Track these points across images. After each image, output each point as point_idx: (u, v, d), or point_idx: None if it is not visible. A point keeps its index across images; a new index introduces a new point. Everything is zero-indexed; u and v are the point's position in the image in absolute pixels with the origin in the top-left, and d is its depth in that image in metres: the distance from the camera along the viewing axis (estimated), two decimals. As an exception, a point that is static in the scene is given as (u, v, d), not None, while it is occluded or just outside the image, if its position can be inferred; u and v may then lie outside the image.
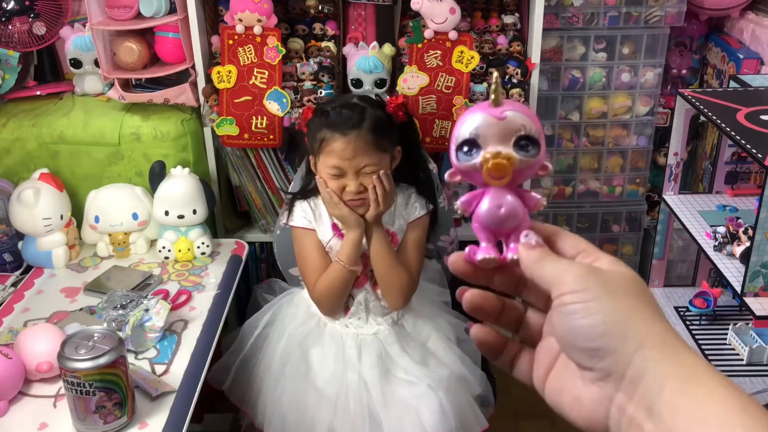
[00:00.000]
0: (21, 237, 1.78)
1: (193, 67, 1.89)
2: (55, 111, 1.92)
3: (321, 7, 1.93)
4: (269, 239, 2.05)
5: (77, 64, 1.95)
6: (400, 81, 1.88)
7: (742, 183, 1.92)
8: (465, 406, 1.62)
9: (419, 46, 1.86)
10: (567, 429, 0.54)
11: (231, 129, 1.90)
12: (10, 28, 1.87)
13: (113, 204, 1.80)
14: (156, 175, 1.79)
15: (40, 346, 1.32)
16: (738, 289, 1.49)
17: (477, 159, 0.50)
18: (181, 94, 1.88)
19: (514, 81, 1.90)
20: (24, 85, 2.02)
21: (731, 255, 1.59)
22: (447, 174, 0.53)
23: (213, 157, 1.99)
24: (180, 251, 1.79)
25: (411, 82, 1.88)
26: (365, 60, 1.85)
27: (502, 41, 1.94)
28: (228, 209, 2.13)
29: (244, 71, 1.87)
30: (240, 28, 1.82)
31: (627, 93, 2.19)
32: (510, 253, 0.51)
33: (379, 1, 1.95)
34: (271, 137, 1.91)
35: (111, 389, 1.18)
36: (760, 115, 1.56)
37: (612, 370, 0.44)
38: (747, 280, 1.46)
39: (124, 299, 1.51)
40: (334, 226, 1.65)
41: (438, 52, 1.86)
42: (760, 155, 1.36)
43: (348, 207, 1.55)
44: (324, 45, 1.92)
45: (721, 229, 1.64)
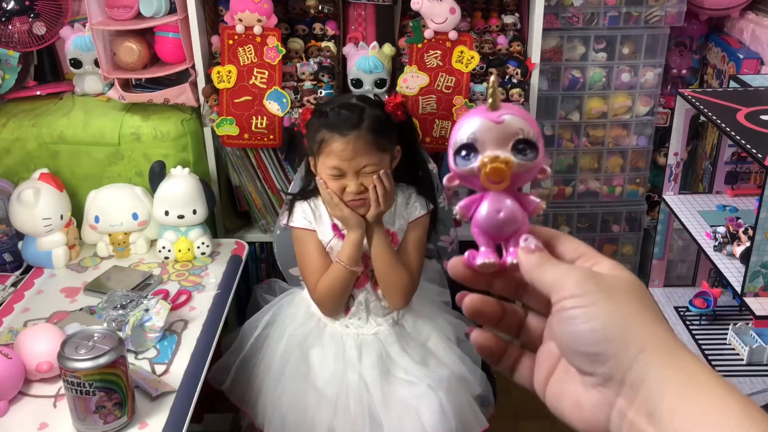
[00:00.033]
0: (21, 237, 1.78)
1: (193, 67, 1.89)
2: (55, 111, 1.92)
3: (321, 7, 1.93)
4: (269, 239, 2.05)
5: (77, 64, 1.95)
6: (400, 81, 1.88)
7: (742, 183, 1.92)
8: (465, 406, 1.62)
9: (419, 46, 1.86)
10: (567, 430, 0.54)
11: (231, 129, 1.90)
12: (10, 28, 1.87)
13: (113, 204, 1.80)
14: (156, 175, 1.79)
15: (40, 346, 1.32)
16: (738, 289, 1.49)
17: (475, 163, 0.50)
18: (181, 94, 1.88)
19: (514, 81, 1.90)
20: (24, 85, 2.02)
21: (731, 255, 1.59)
22: (445, 179, 0.53)
23: (213, 157, 1.99)
24: (180, 251, 1.79)
25: (411, 82, 1.88)
26: (365, 60, 1.85)
27: (502, 41, 1.94)
28: (228, 209, 2.13)
29: (244, 71, 1.87)
30: (240, 28, 1.82)
31: (627, 93, 2.19)
32: (509, 258, 0.51)
33: (379, 1, 1.95)
34: (271, 137, 1.91)
35: (111, 389, 1.18)
36: (760, 115, 1.56)
37: (612, 374, 0.44)
38: (747, 280, 1.46)
39: (124, 299, 1.51)
40: (334, 226, 1.65)
41: (438, 52, 1.86)
42: (760, 155, 1.36)
43: (349, 207, 1.55)
44: (324, 45, 1.92)
45: (721, 229, 1.64)
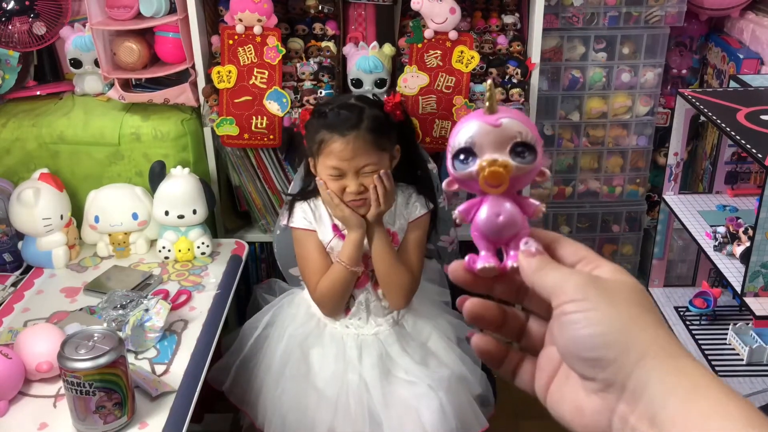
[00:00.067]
0: (21, 237, 1.78)
1: (193, 67, 1.89)
2: (55, 111, 1.92)
3: (321, 7, 1.93)
4: (269, 239, 2.05)
5: (77, 64, 1.95)
6: (400, 81, 1.88)
7: (742, 183, 1.92)
8: (465, 406, 1.62)
9: (419, 46, 1.86)
10: (567, 429, 0.54)
11: (231, 129, 1.90)
12: (10, 28, 1.87)
13: (113, 204, 1.80)
14: (156, 175, 1.79)
15: (40, 346, 1.32)
16: (738, 289, 1.49)
17: (473, 167, 0.50)
18: (181, 94, 1.88)
19: (514, 81, 1.90)
20: (24, 85, 2.02)
21: (731, 255, 1.59)
22: (444, 183, 0.52)
23: (213, 157, 1.99)
24: (180, 251, 1.79)
25: (411, 82, 1.88)
26: (365, 60, 1.85)
27: (502, 41, 1.94)
28: (228, 209, 2.13)
29: (244, 71, 1.87)
30: (240, 28, 1.82)
31: (627, 93, 2.19)
32: (510, 262, 0.51)
33: (379, 1, 1.95)
34: (271, 137, 1.91)
35: (111, 389, 1.18)
36: (760, 115, 1.56)
37: (614, 380, 0.44)
38: (747, 280, 1.46)
39: (124, 299, 1.51)
40: (334, 226, 1.65)
41: (438, 52, 1.86)
42: (760, 155, 1.36)
43: (349, 208, 1.55)
44: (324, 45, 1.92)
45: (721, 229, 1.64)
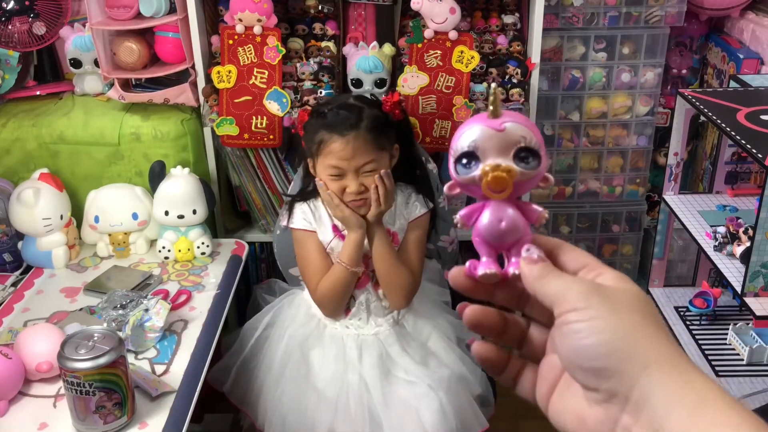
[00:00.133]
0: (21, 237, 1.78)
1: (193, 67, 1.89)
2: (55, 111, 1.92)
3: (321, 7, 1.93)
4: (269, 239, 2.05)
5: (77, 64, 1.95)
6: (400, 81, 1.88)
7: (742, 183, 1.92)
8: (465, 406, 1.62)
9: (419, 46, 1.86)
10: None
11: (231, 129, 1.90)
12: (10, 28, 1.87)
13: (113, 204, 1.80)
14: (156, 175, 1.79)
15: (40, 346, 1.32)
16: (738, 289, 1.49)
17: (476, 172, 0.49)
18: (181, 94, 1.88)
19: (514, 81, 1.90)
20: (24, 85, 2.02)
21: (731, 255, 1.59)
22: (446, 187, 0.52)
23: (213, 157, 1.99)
24: (180, 251, 1.79)
25: (411, 82, 1.88)
26: (365, 60, 1.85)
27: (502, 41, 1.94)
28: (228, 209, 2.13)
29: (244, 71, 1.87)
30: (240, 28, 1.82)
31: (627, 93, 2.19)
32: (511, 268, 0.50)
33: (379, 1, 1.95)
34: (271, 137, 1.91)
35: (111, 389, 1.18)
36: (760, 115, 1.56)
37: (617, 390, 0.43)
38: (747, 280, 1.46)
39: (124, 299, 1.51)
40: (334, 227, 1.65)
41: (438, 52, 1.86)
42: (760, 155, 1.36)
43: (349, 208, 1.55)
44: (324, 45, 1.92)
45: (721, 229, 1.64)
